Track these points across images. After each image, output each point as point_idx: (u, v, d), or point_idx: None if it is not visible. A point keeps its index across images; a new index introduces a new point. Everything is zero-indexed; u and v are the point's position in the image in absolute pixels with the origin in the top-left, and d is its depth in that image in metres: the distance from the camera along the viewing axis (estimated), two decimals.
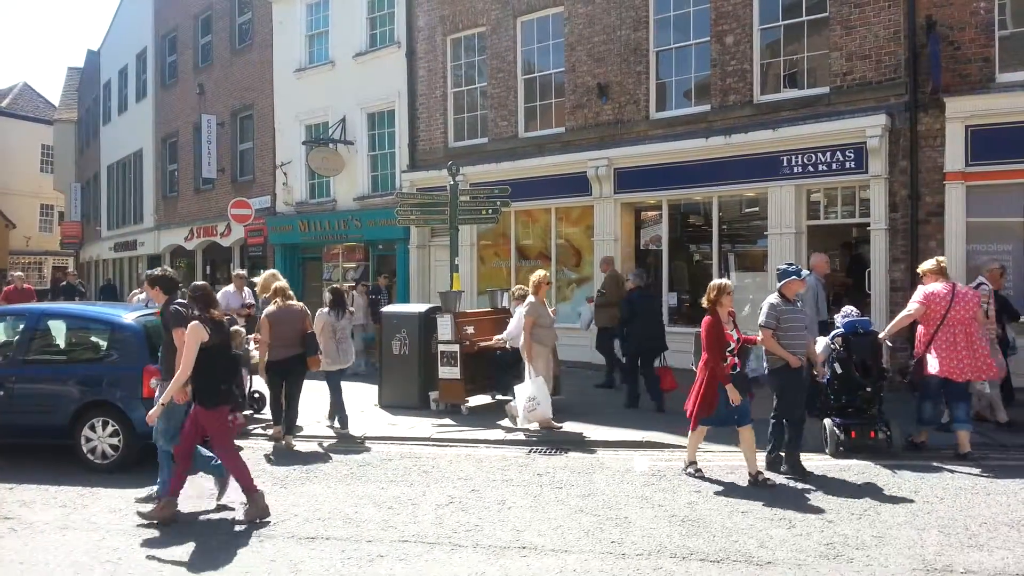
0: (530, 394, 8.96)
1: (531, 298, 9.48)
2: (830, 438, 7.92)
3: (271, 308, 8.98)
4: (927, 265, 8.27)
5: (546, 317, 9.48)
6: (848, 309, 8.30)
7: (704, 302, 7.26)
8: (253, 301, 12.05)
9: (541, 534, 5.80)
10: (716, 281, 7.37)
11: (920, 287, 8.17)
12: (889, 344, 8.67)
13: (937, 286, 7.91)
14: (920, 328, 8.02)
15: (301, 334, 8.87)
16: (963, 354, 7.63)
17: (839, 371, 7.89)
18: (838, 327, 8.08)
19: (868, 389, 7.79)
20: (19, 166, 42.87)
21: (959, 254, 10.71)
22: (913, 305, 8.00)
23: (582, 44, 14.55)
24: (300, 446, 8.95)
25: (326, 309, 9.69)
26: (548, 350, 9.54)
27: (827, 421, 7.98)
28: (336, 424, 9.59)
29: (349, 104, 18.67)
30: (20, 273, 21.98)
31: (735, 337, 7.22)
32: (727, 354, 7.07)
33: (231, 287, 12.31)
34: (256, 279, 10.50)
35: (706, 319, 7.19)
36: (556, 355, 10.44)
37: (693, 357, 8.19)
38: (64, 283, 21.65)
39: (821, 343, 7.99)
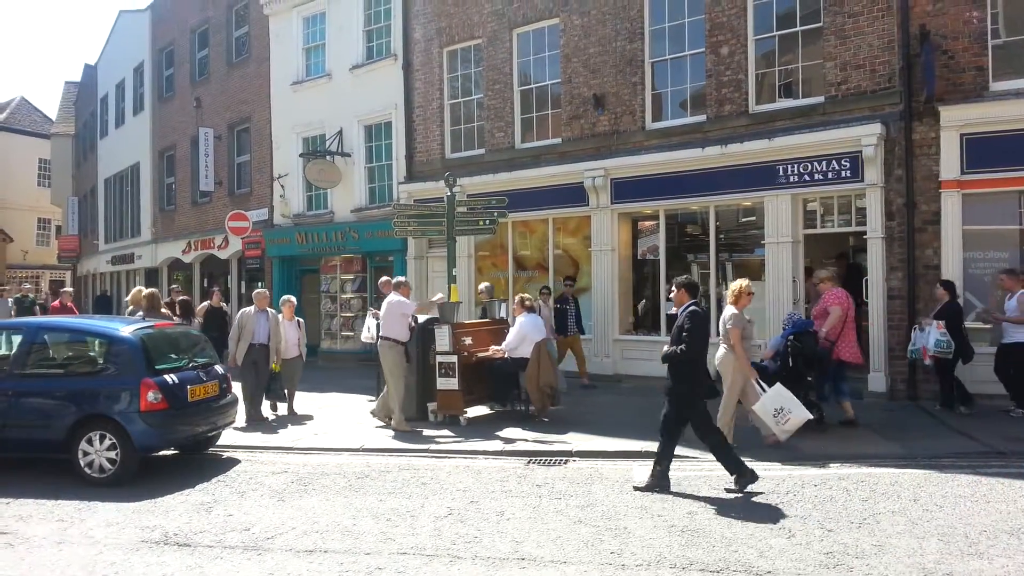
0: (777, 406, 8.12)
1: (732, 309, 8.41)
2: None
3: (140, 313, 10.65)
4: (824, 274, 9.99)
5: (749, 328, 8.67)
6: (792, 312, 10.28)
7: None
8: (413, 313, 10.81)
9: (540, 545, 5.78)
10: None
11: (829, 293, 9.72)
12: (831, 341, 9.62)
13: (840, 290, 9.77)
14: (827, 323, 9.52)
15: None
16: (855, 343, 9.72)
17: (791, 364, 9.00)
18: (786, 326, 9.37)
19: (809, 378, 9.12)
20: (16, 180, 42.98)
21: (956, 262, 10.75)
22: (837, 308, 9.54)
23: (578, 55, 14.61)
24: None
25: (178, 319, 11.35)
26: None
27: None
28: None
29: (346, 116, 18.71)
30: (69, 289, 21.91)
31: None
32: None
33: (396, 296, 10.49)
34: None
35: None
36: (555, 364, 10.45)
37: None
38: (167, 300, 19.73)
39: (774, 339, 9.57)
